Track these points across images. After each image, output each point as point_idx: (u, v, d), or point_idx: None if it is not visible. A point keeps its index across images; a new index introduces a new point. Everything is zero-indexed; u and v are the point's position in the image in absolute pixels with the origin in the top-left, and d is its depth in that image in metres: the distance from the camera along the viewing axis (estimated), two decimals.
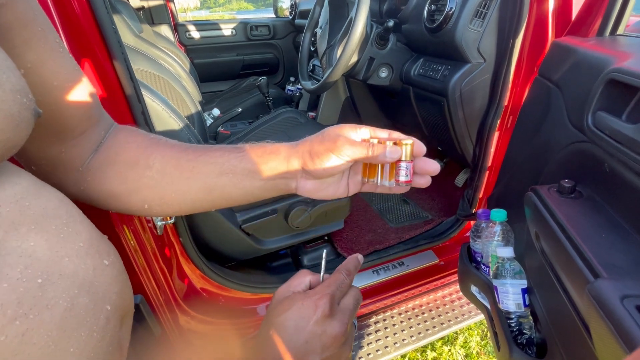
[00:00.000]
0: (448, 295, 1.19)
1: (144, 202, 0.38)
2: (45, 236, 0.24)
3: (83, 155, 0.37)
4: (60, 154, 0.35)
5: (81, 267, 0.26)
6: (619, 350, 0.32)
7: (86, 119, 0.36)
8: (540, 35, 0.80)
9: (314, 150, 0.37)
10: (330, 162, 0.36)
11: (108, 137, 0.40)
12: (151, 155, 0.38)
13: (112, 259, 0.30)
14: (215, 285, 0.93)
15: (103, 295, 0.27)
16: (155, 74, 1.23)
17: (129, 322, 0.33)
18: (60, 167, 0.36)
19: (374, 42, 1.21)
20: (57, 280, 0.23)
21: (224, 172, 0.38)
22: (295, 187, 0.39)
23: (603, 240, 0.41)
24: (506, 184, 0.86)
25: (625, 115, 0.44)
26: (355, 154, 0.35)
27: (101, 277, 0.27)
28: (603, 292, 0.34)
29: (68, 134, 0.35)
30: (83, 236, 0.28)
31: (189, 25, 2.42)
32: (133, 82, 0.61)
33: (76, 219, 0.28)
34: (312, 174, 0.37)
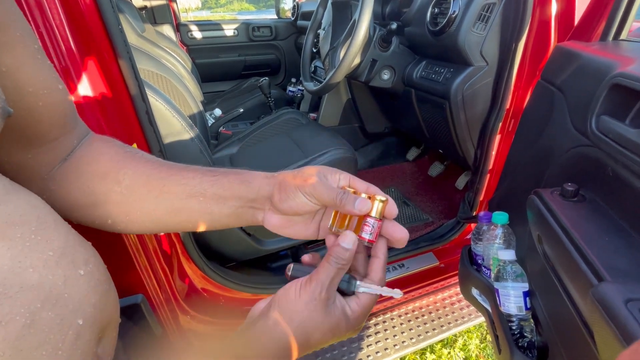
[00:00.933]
0: (448, 297, 1.19)
1: (108, 217, 0.37)
2: (7, 244, 0.23)
3: (50, 163, 0.36)
4: (26, 160, 0.34)
5: (48, 278, 0.24)
6: None
7: (59, 127, 0.35)
8: (543, 39, 0.80)
9: (284, 184, 0.36)
10: (297, 200, 0.35)
11: (81, 146, 0.38)
12: (122, 170, 0.37)
13: (90, 268, 0.29)
14: (215, 285, 0.93)
15: (74, 309, 0.25)
16: (158, 73, 1.24)
17: (112, 334, 0.32)
18: (23, 173, 0.35)
19: (376, 44, 1.21)
20: (16, 293, 0.22)
21: (193, 195, 0.37)
22: (261, 220, 0.38)
23: (607, 243, 0.41)
24: (508, 187, 0.86)
25: (629, 120, 0.44)
26: (323, 198, 0.34)
27: (73, 289, 0.26)
28: (607, 296, 0.35)
29: (38, 141, 0.34)
30: (55, 244, 0.26)
31: (191, 25, 2.43)
32: (138, 81, 0.62)
33: (49, 226, 0.27)
34: (278, 209, 0.36)
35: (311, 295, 0.32)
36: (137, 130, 0.66)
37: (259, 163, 1.22)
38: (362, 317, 0.34)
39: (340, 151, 1.14)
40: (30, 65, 0.30)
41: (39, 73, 0.31)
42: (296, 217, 0.37)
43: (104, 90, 0.57)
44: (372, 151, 1.85)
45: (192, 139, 0.88)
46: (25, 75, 0.30)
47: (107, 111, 0.58)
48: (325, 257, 0.33)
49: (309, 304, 0.32)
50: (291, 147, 1.24)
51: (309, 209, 0.35)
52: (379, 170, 1.78)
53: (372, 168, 1.80)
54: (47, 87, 0.32)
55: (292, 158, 1.15)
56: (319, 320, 0.32)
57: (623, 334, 0.32)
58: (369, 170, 1.78)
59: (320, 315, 0.32)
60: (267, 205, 0.37)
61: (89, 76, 0.54)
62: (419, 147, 1.81)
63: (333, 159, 1.11)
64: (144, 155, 0.40)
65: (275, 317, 0.32)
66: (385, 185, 1.70)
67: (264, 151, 1.30)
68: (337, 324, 0.33)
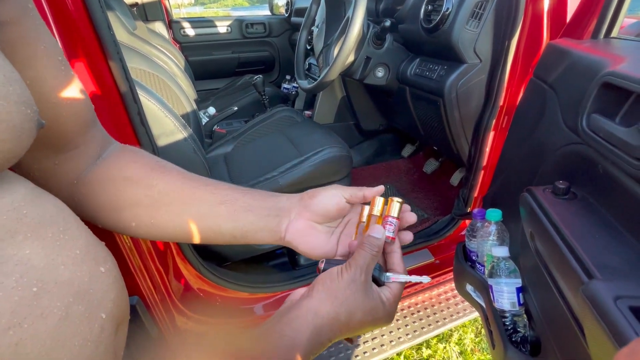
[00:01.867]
0: (443, 293, 1.20)
1: (133, 220, 0.39)
2: (41, 244, 0.24)
3: (77, 168, 0.38)
4: (54, 166, 0.36)
5: (77, 274, 0.26)
6: (612, 350, 0.33)
7: (81, 134, 0.37)
8: (536, 36, 0.80)
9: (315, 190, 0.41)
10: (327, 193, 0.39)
11: (111, 154, 0.40)
12: (155, 177, 0.39)
13: (109, 265, 0.30)
14: (211, 285, 0.93)
15: (98, 303, 0.27)
16: (150, 72, 1.22)
17: (124, 329, 0.33)
18: (53, 178, 0.37)
19: (370, 41, 1.21)
20: (53, 288, 0.23)
21: (223, 202, 0.39)
22: (285, 228, 0.40)
23: (597, 241, 0.42)
24: (501, 183, 0.86)
25: (619, 118, 0.45)
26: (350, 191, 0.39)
27: (97, 285, 0.27)
28: (597, 293, 0.35)
29: (63, 148, 0.36)
30: (80, 243, 0.28)
31: (183, 22, 2.40)
32: (129, 82, 0.61)
33: (73, 226, 0.29)
34: (307, 207, 0.40)
35: (352, 277, 0.34)
36: (129, 131, 0.65)
37: (254, 161, 1.21)
38: (395, 304, 0.37)
39: (335, 149, 1.14)
40: (53, 77, 0.32)
41: (62, 84, 0.33)
42: (319, 225, 0.40)
43: (94, 91, 0.56)
44: (367, 148, 1.85)
45: (185, 138, 0.88)
46: (49, 87, 0.32)
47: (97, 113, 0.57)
48: (359, 246, 0.37)
49: (351, 285, 0.34)
50: (286, 145, 1.24)
51: (337, 201, 0.39)
52: (374, 167, 1.79)
53: (367, 165, 1.80)
54: (70, 98, 0.34)
55: (287, 156, 1.15)
56: (359, 300, 0.34)
57: (612, 331, 0.33)
58: (364, 168, 1.78)
59: (361, 296, 0.34)
60: (294, 210, 0.40)
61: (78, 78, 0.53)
62: (414, 144, 1.81)
63: (328, 157, 1.11)
64: (174, 167, 0.42)
65: (320, 296, 0.34)
66: (380, 183, 1.70)
67: (258, 149, 1.29)
68: (376, 307, 0.35)
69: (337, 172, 1.14)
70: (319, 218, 0.40)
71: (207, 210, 0.39)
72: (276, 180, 1.08)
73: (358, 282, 0.34)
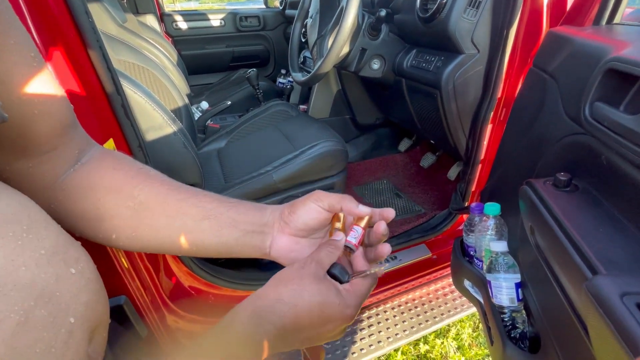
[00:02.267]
0: (441, 288, 1.19)
1: (113, 232, 0.37)
2: (1, 243, 0.23)
3: (54, 172, 0.36)
4: (28, 169, 0.34)
5: (41, 276, 0.24)
6: (618, 348, 0.31)
7: (57, 135, 0.35)
8: (535, 25, 0.78)
9: (293, 203, 0.40)
10: (306, 207, 0.38)
11: (92, 159, 0.38)
12: (137, 186, 0.37)
13: (81, 266, 0.29)
14: (204, 283, 0.91)
15: (66, 307, 0.25)
16: (140, 65, 1.19)
17: (102, 334, 0.31)
18: (27, 182, 0.35)
19: (365, 32, 1.18)
20: (10, 291, 0.22)
21: (207, 217, 0.38)
22: (269, 245, 0.39)
23: (601, 235, 0.40)
24: (499, 177, 0.85)
25: (624, 106, 0.43)
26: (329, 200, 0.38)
27: (65, 287, 0.26)
28: (602, 290, 0.33)
29: (36, 149, 0.34)
30: (46, 243, 0.26)
31: (175, 15, 2.35)
32: (111, 72, 0.58)
33: (40, 224, 0.27)
34: (287, 222, 0.39)
35: (302, 264, 0.34)
36: (113, 125, 0.63)
37: (248, 157, 1.19)
38: (355, 301, 0.35)
39: (330, 143, 1.11)
40: (22, 74, 0.30)
41: (33, 82, 0.31)
42: (303, 239, 0.40)
43: (73, 83, 0.54)
44: (363, 143, 1.83)
45: (174, 132, 0.85)
46: (17, 84, 0.30)
47: (78, 106, 0.53)
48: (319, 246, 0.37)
49: (300, 271, 0.33)
50: (281, 140, 1.21)
51: (316, 214, 0.38)
52: (370, 162, 1.76)
53: (363, 160, 1.78)
54: (41, 96, 0.32)
55: (282, 151, 1.13)
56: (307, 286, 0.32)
57: (618, 329, 0.31)
58: (361, 163, 1.76)
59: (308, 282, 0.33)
60: (276, 226, 0.39)
61: (54, 69, 0.50)
62: (411, 138, 1.79)
63: (323, 152, 1.09)
64: (158, 174, 0.40)
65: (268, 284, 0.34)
66: (377, 178, 1.69)
67: (252, 144, 1.27)
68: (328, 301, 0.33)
69: (333, 166, 1.12)
70: (300, 232, 0.39)
71: (191, 225, 0.38)
72: (270, 175, 1.05)
73: (307, 268, 0.34)
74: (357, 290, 0.35)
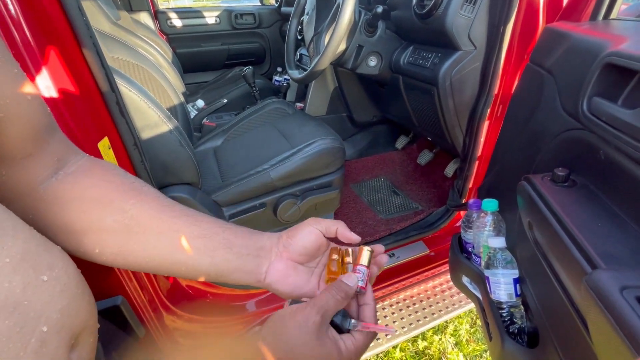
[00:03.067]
0: (439, 285, 1.19)
1: (97, 246, 0.35)
2: None
3: (30, 180, 0.34)
4: (1, 177, 0.32)
5: (4, 286, 0.23)
6: (619, 342, 0.31)
7: (31, 141, 0.33)
8: (532, 21, 0.78)
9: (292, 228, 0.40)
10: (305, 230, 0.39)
11: (78, 169, 0.37)
12: (130, 200, 0.36)
13: (56, 273, 0.27)
14: (201, 282, 0.90)
15: (36, 315, 0.24)
16: (134, 63, 1.17)
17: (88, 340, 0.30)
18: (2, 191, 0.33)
19: (362, 29, 1.17)
20: None
21: (201, 236, 0.37)
22: (265, 270, 0.39)
23: (599, 229, 0.40)
24: (497, 173, 0.85)
25: (622, 100, 0.43)
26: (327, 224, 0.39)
27: (34, 295, 0.25)
28: (602, 284, 0.33)
29: (8, 155, 0.32)
30: (12, 250, 0.25)
31: (170, 12, 2.33)
32: (105, 70, 0.57)
33: (5, 232, 0.26)
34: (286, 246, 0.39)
35: (305, 317, 0.32)
36: (108, 123, 0.62)
37: (244, 155, 1.18)
38: (356, 356, 0.34)
39: (327, 141, 1.11)
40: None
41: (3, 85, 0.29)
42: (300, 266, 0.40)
43: (66, 81, 0.53)
44: (360, 140, 1.82)
45: (170, 130, 0.84)
46: None
47: (72, 104, 0.53)
48: (325, 289, 0.35)
49: (302, 327, 0.32)
50: (277, 138, 1.21)
51: (315, 238, 0.39)
52: (367, 159, 1.76)
53: (360, 158, 1.78)
54: (11, 98, 0.30)
55: (279, 149, 1.12)
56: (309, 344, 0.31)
57: (619, 323, 0.31)
58: (358, 160, 1.76)
59: (311, 339, 0.31)
60: (274, 251, 0.39)
61: (48, 67, 0.49)
62: (408, 135, 1.79)
63: (321, 149, 1.09)
64: (151, 189, 0.39)
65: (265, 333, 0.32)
66: (374, 175, 1.68)
67: (249, 143, 1.26)
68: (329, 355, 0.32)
69: (330, 164, 1.12)
70: (299, 257, 0.39)
71: (184, 244, 0.36)
72: (267, 174, 1.05)
73: (310, 323, 0.32)
74: (358, 346, 0.34)
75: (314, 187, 1.12)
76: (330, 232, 0.40)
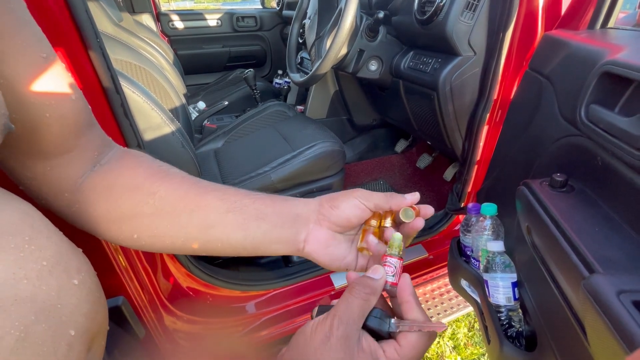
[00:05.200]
0: (437, 288, 1.20)
1: (134, 232, 0.36)
2: (2, 256, 0.22)
3: (72, 175, 0.35)
4: (45, 173, 0.34)
5: (42, 289, 0.23)
6: (616, 346, 0.32)
7: (73, 138, 0.34)
8: (530, 28, 0.79)
9: (332, 195, 0.36)
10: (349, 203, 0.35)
11: (111, 160, 0.38)
12: (156, 183, 0.36)
13: (83, 276, 0.28)
14: (202, 284, 0.90)
15: (67, 320, 0.24)
16: (136, 64, 1.18)
17: (101, 342, 0.31)
18: (46, 186, 0.34)
19: (363, 34, 1.18)
20: (11, 306, 0.21)
21: (232, 209, 0.35)
22: (303, 239, 0.36)
23: (597, 234, 0.41)
24: (496, 178, 0.86)
25: (619, 108, 0.44)
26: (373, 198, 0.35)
27: (66, 299, 0.25)
28: (599, 288, 0.34)
29: (51, 152, 0.33)
30: (48, 253, 0.25)
31: (172, 14, 2.34)
32: (110, 71, 0.57)
33: (42, 234, 0.26)
34: (327, 217, 0.36)
35: (327, 331, 0.27)
36: (112, 124, 0.62)
37: (245, 157, 1.19)
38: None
39: (328, 144, 1.11)
40: (32, 76, 0.29)
41: (43, 84, 0.30)
42: (339, 235, 0.37)
43: None
44: (360, 144, 1.83)
45: (173, 132, 0.84)
46: (25, 87, 0.29)
47: None
48: (347, 289, 0.29)
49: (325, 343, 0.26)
50: (278, 141, 1.21)
51: (360, 212, 0.35)
52: (367, 163, 1.77)
53: (360, 161, 1.79)
54: (54, 98, 0.31)
55: (279, 151, 1.13)
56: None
57: (616, 327, 0.32)
58: (358, 163, 1.77)
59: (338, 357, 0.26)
60: (312, 218, 0.36)
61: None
62: (408, 139, 1.80)
63: (321, 152, 1.09)
64: (178, 171, 0.39)
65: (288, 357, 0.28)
66: (373, 178, 1.69)
67: (249, 145, 1.26)
68: None
69: (331, 167, 1.12)
70: (339, 228, 0.36)
71: (215, 219, 0.35)
72: (268, 176, 1.05)
73: (333, 339, 0.26)
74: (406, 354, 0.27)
75: (314, 190, 1.13)
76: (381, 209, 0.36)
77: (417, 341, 0.28)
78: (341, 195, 0.36)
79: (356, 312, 0.28)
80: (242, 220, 0.35)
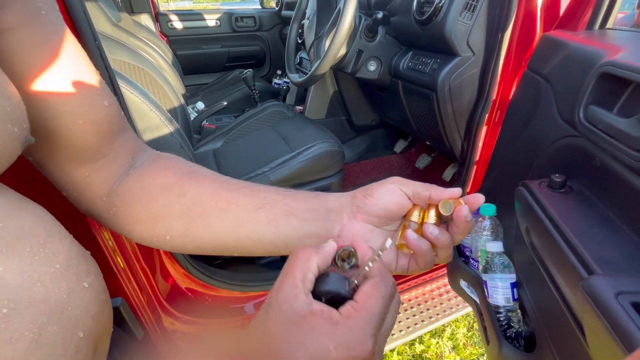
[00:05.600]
0: (436, 289, 1.20)
1: (167, 232, 0.36)
2: (17, 259, 0.23)
3: (109, 179, 0.36)
4: (85, 178, 0.35)
5: (54, 291, 0.24)
6: (614, 347, 0.32)
7: (107, 143, 0.35)
8: (529, 29, 0.79)
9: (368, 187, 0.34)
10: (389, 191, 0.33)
11: (145, 162, 0.38)
12: (187, 182, 0.36)
13: (92, 279, 0.28)
14: (200, 285, 0.90)
15: (76, 322, 0.25)
16: (135, 64, 1.18)
17: (105, 344, 0.31)
18: (87, 191, 0.35)
19: (362, 34, 1.18)
20: (25, 309, 0.21)
21: (261, 206, 0.34)
22: (337, 234, 0.34)
23: (595, 235, 0.41)
24: (495, 178, 0.86)
25: (617, 109, 0.44)
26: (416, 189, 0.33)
27: (76, 302, 0.25)
28: (598, 289, 0.34)
29: (88, 158, 0.34)
30: (60, 256, 0.26)
31: (171, 14, 2.34)
32: (108, 72, 0.57)
33: (55, 237, 0.26)
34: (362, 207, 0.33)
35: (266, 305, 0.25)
36: None
37: (244, 157, 1.18)
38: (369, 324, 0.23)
39: (327, 144, 1.11)
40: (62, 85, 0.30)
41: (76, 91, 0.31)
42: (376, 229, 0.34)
43: None
44: (359, 144, 1.83)
45: (171, 133, 0.84)
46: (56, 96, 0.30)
47: None
48: None
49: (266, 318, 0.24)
50: (277, 141, 1.21)
51: (399, 199, 0.33)
52: (366, 163, 1.77)
53: (359, 161, 1.79)
54: (86, 105, 0.32)
55: (278, 152, 1.13)
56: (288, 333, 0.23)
57: (614, 328, 0.32)
58: (357, 164, 1.77)
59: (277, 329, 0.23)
60: (346, 211, 0.34)
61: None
62: (407, 140, 1.80)
63: (320, 152, 1.09)
64: (210, 172, 0.39)
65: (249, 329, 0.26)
66: (372, 179, 1.69)
67: (248, 145, 1.26)
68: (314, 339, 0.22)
69: (330, 167, 1.12)
70: (376, 220, 0.34)
71: (245, 217, 0.34)
72: (267, 176, 1.05)
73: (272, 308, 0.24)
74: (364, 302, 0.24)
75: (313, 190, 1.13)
76: (420, 198, 0.33)
77: (372, 290, 0.24)
78: (376, 183, 0.34)
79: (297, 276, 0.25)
80: (272, 217, 0.34)
